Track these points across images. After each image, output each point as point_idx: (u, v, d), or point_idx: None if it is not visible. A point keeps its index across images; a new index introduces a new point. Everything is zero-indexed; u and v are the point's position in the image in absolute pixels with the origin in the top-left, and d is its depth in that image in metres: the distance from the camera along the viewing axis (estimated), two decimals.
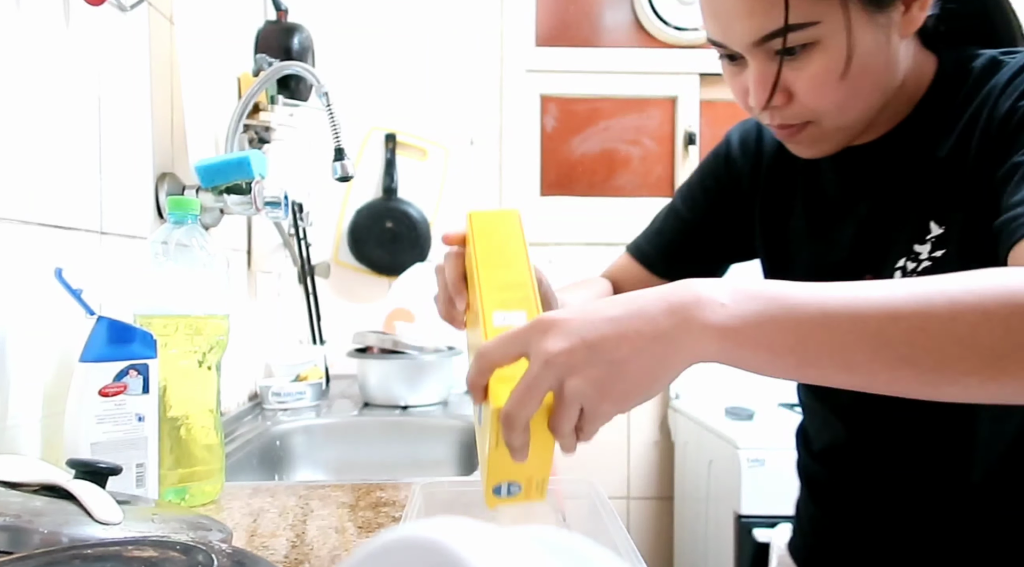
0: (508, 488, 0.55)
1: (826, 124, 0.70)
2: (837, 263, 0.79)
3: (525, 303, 0.59)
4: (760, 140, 0.90)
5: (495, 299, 0.60)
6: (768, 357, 0.49)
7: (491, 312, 0.59)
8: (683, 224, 0.96)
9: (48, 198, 0.86)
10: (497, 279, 0.61)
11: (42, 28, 0.86)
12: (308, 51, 1.73)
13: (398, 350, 1.69)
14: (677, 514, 2.21)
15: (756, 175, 0.89)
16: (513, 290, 0.60)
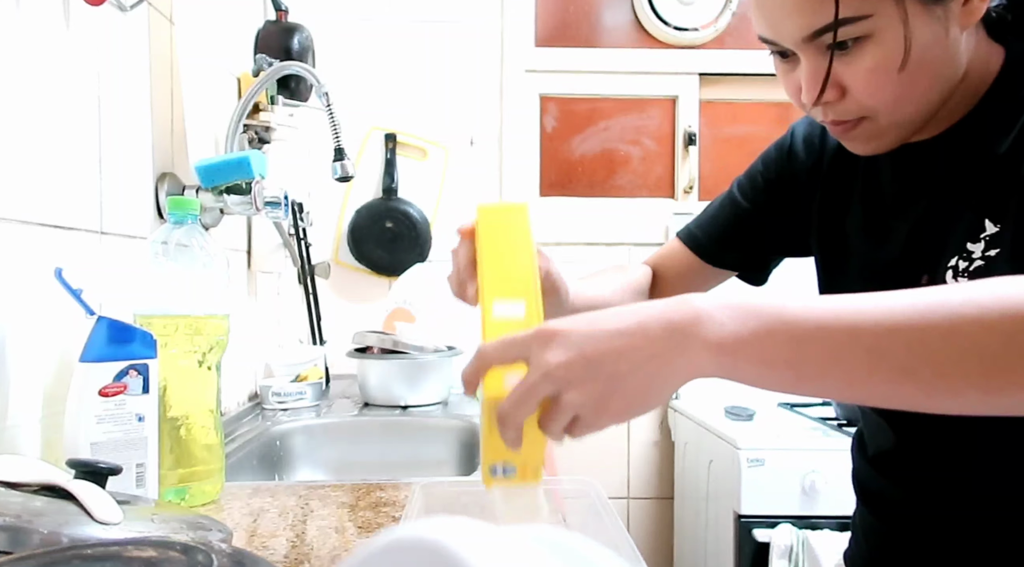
0: (504, 469, 0.57)
1: (881, 120, 0.69)
2: (891, 262, 0.77)
3: (525, 293, 0.61)
4: (824, 136, 0.88)
5: (495, 289, 0.61)
6: (765, 371, 0.49)
7: (491, 302, 0.60)
8: (738, 212, 0.95)
9: (48, 198, 0.86)
10: (499, 270, 0.63)
11: (42, 28, 0.86)
12: (308, 51, 1.73)
13: (398, 350, 1.69)
14: (677, 514, 2.21)
15: (817, 171, 0.88)
16: (514, 281, 0.62)
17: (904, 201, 0.78)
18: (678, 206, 2.34)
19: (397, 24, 2.24)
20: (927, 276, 0.73)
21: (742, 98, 2.37)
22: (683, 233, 1.00)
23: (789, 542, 1.63)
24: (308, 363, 1.78)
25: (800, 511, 1.67)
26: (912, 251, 0.76)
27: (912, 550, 0.82)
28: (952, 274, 0.70)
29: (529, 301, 0.60)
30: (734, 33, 2.34)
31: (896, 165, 0.78)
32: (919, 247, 0.75)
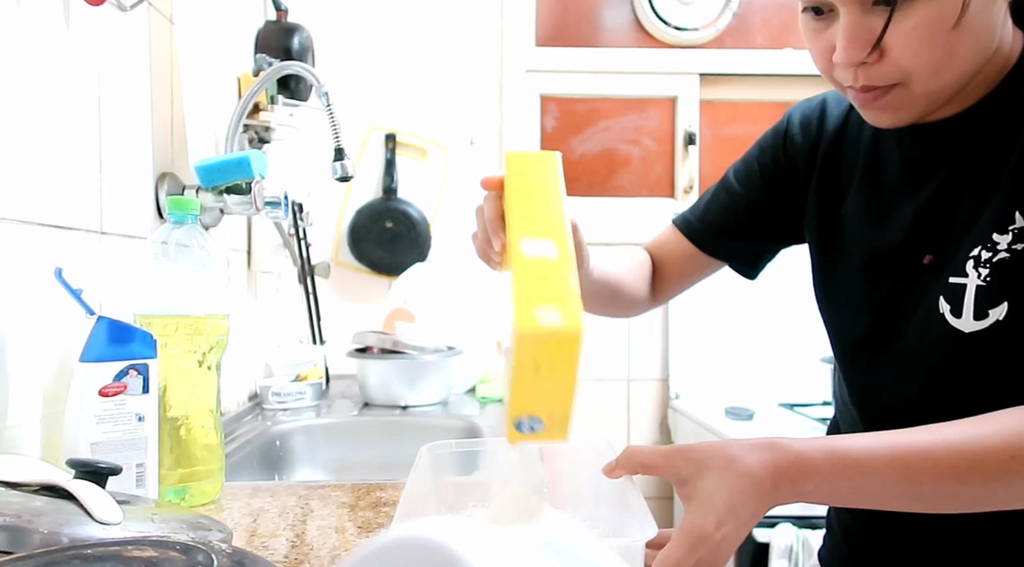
0: (531, 424, 0.56)
1: (915, 87, 0.67)
2: (893, 244, 0.76)
3: (555, 233, 0.59)
4: (822, 122, 0.87)
5: (524, 228, 0.59)
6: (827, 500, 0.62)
7: (519, 239, 0.58)
8: (734, 199, 0.94)
9: (48, 198, 0.86)
10: (528, 212, 0.61)
11: (42, 28, 0.86)
12: (308, 51, 1.73)
13: (398, 350, 1.69)
14: (677, 514, 2.21)
15: (813, 155, 0.87)
16: (543, 221, 0.60)
17: (910, 183, 0.76)
18: (678, 206, 2.34)
19: (397, 24, 2.24)
20: (931, 256, 0.73)
21: (742, 98, 2.37)
22: (679, 220, 1.00)
23: (789, 542, 1.63)
24: (308, 363, 1.78)
25: (800, 511, 1.67)
26: (916, 233, 0.75)
27: (887, 546, 0.82)
28: (973, 264, 0.68)
29: (560, 241, 0.58)
30: (734, 33, 2.34)
31: (904, 146, 0.77)
32: (924, 229, 0.74)
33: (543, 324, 0.52)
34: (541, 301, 0.53)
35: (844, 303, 0.83)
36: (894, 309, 0.76)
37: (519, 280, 0.55)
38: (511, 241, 0.59)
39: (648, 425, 2.29)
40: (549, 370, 0.54)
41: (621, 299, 0.95)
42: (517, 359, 0.53)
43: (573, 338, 0.52)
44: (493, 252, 0.71)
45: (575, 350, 0.53)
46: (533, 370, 0.53)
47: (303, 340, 2.10)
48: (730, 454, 0.59)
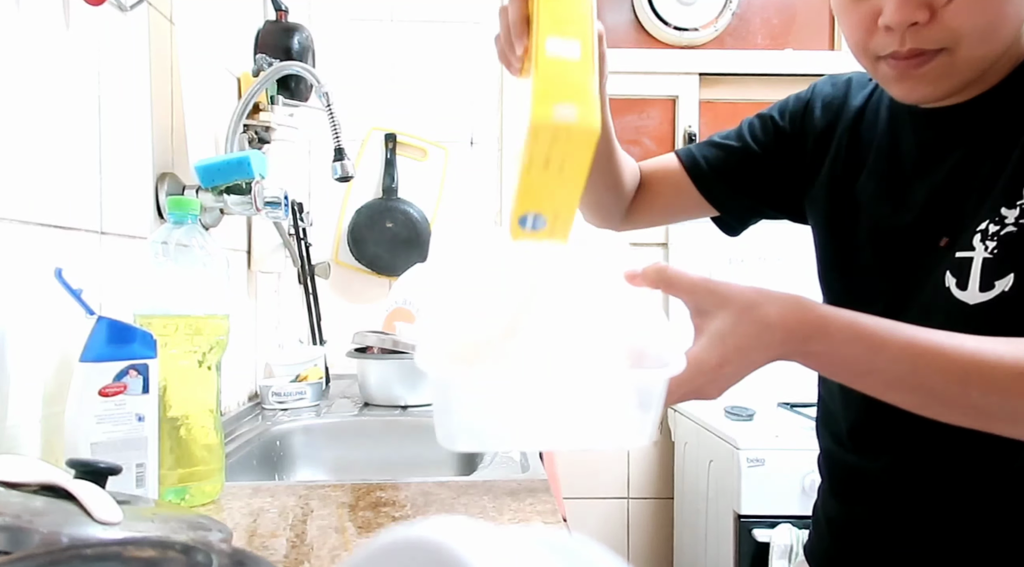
0: (534, 221, 0.56)
1: (961, 53, 0.67)
2: (907, 226, 0.77)
3: (581, 34, 0.58)
4: (845, 102, 0.87)
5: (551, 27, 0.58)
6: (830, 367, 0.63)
7: (545, 37, 0.58)
8: (742, 148, 0.94)
9: (48, 198, 0.86)
10: (557, 12, 0.60)
11: (42, 28, 0.86)
12: (308, 51, 1.73)
13: (398, 350, 1.69)
14: (677, 514, 2.21)
15: (830, 135, 0.87)
16: (571, 22, 0.59)
17: (925, 165, 0.77)
18: None
19: (397, 24, 2.24)
20: (947, 239, 0.73)
21: (742, 98, 2.37)
22: (684, 153, 0.98)
23: (789, 542, 1.63)
24: (308, 363, 1.78)
25: (800, 511, 1.67)
26: (933, 216, 0.75)
27: (872, 537, 0.82)
28: (980, 238, 0.69)
29: (585, 43, 0.57)
30: (734, 33, 2.34)
31: (919, 129, 0.78)
32: (940, 212, 0.74)
33: (559, 117, 0.52)
34: (560, 97, 0.53)
35: (854, 283, 0.83)
36: (903, 288, 0.77)
37: (540, 76, 0.55)
38: (537, 39, 0.58)
39: None
40: (559, 166, 0.54)
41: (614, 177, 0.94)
42: (529, 152, 0.53)
43: (588, 134, 0.53)
44: (514, 56, 0.70)
45: (588, 147, 0.53)
46: (543, 165, 0.54)
47: (303, 340, 2.10)
48: (752, 299, 0.60)
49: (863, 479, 0.84)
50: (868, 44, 0.71)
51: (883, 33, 0.68)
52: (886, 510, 0.81)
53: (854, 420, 0.84)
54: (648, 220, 1.02)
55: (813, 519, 0.93)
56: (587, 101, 0.53)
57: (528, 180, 0.55)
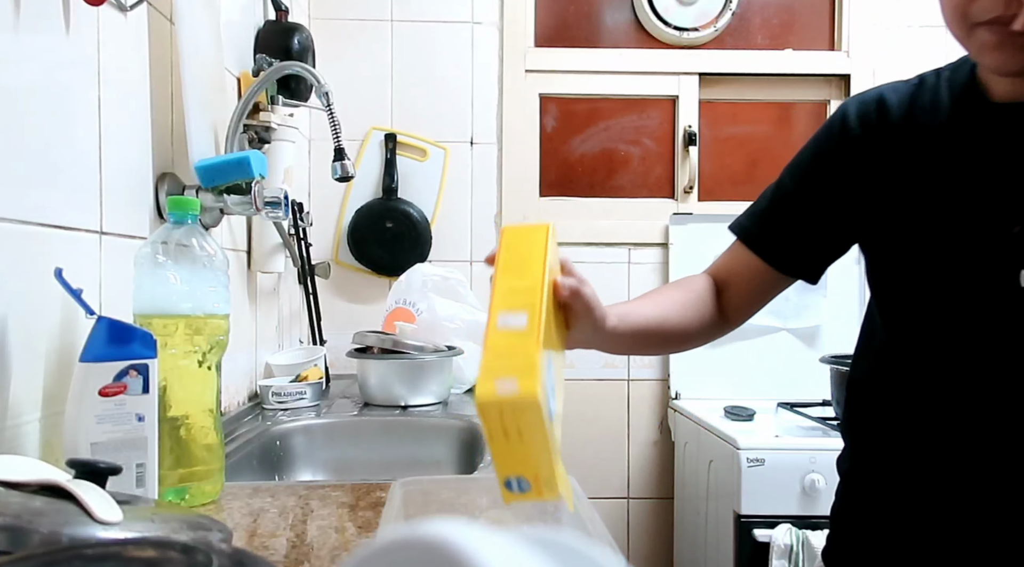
0: (519, 484, 0.57)
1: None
2: (980, 217, 0.76)
3: (529, 306, 0.61)
4: (884, 112, 0.86)
5: (502, 303, 0.62)
6: None
7: (496, 314, 0.61)
8: (794, 206, 0.92)
9: (48, 198, 0.86)
10: (509, 285, 0.64)
11: (42, 28, 0.86)
12: (308, 51, 1.73)
13: (398, 350, 1.69)
14: (677, 514, 2.21)
15: (878, 147, 0.85)
16: (521, 294, 0.63)
17: (995, 158, 0.76)
18: (678, 206, 2.34)
19: (397, 24, 2.24)
20: (1019, 226, 0.73)
21: (742, 98, 2.37)
22: (743, 235, 0.96)
23: (789, 542, 1.63)
24: (308, 363, 1.78)
25: (800, 511, 1.67)
26: (1005, 204, 0.75)
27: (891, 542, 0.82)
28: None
29: (532, 313, 0.61)
30: (734, 33, 2.34)
31: (989, 123, 0.77)
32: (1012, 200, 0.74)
33: (499, 393, 0.54)
34: (501, 372, 0.56)
35: (924, 284, 0.82)
36: (974, 284, 0.77)
37: (486, 352, 0.58)
38: (489, 315, 0.62)
39: (648, 424, 2.29)
40: (517, 434, 0.55)
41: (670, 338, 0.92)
42: (485, 427, 0.56)
43: (529, 405, 0.54)
44: None
45: (535, 416, 0.55)
46: (503, 435, 0.56)
47: (303, 340, 2.10)
48: None
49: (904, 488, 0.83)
50: (969, 8, 0.70)
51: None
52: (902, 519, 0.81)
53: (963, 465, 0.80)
54: (741, 316, 0.98)
55: (831, 523, 0.93)
56: (527, 371, 0.55)
57: (496, 450, 0.57)
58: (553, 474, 0.57)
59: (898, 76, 0.92)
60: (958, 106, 0.81)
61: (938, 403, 0.80)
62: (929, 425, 0.81)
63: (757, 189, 1.01)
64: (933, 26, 2.27)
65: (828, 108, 2.37)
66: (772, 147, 2.39)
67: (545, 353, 0.60)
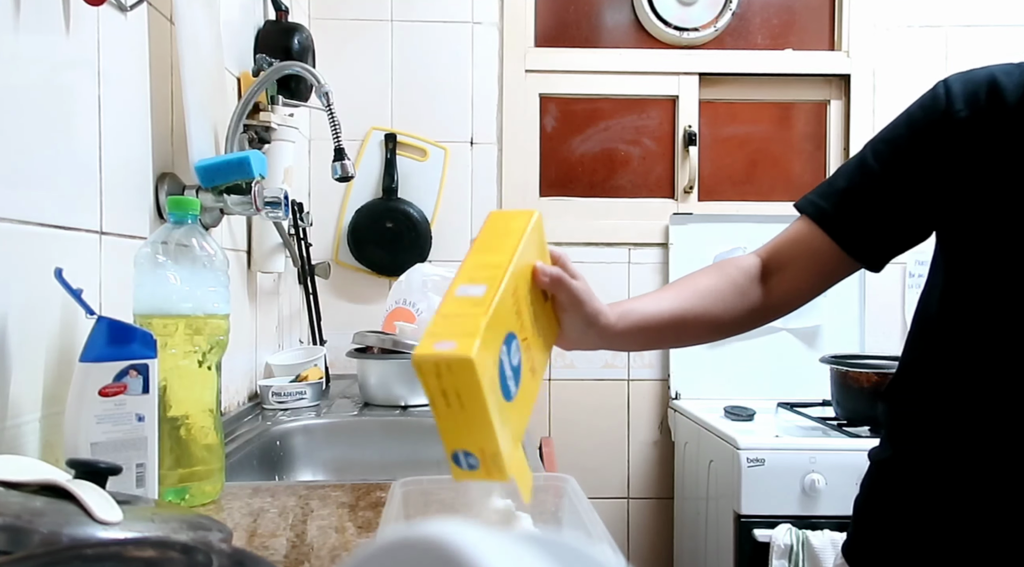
0: (466, 458, 0.56)
1: None
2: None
3: (491, 280, 0.61)
4: (997, 94, 0.79)
5: (466, 275, 0.62)
6: None
7: (457, 284, 0.61)
8: (876, 184, 0.84)
9: (48, 198, 0.86)
10: (478, 260, 0.64)
11: (42, 28, 0.86)
12: (308, 51, 1.73)
13: (398, 350, 1.68)
14: (677, 514, 2.21)
15: (987, 131, 0.78)
16: (486, 268, 0.62)
17: None
18: (678, 206, 2.34)
19: (397, 24, 2.24)
20: None
21: (742, 98, 2.37)
22: (811, 210, 0.88)
23: (789, 542, 1.63)
24: (308, 363, 1.78)
25: (800, 511, 1.67)
26: None
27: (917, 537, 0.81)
28: None
29: (491, 285, 0.60)
30: (734, 33, 2.34)
31: None
32: None
33: (435, 350, 0.54)
34: (444, 335, 0.55)
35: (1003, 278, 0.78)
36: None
37: (435, 316, 0.58)
38: (451, 284, 0.62)
39: (648, 425, 2.29)
40: (457, 401, 0.55)
41: (691, 331, 0.86)
42: (425, 389, 0.55)
43: (463, 365, 0.53)
44: None
45: (471, 378, 0.54)
46: (444, 400, 0.55)
47: (303, 340, 2.10)
48: None
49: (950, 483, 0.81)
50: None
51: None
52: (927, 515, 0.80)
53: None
54: (792, 304, 0.92)
55: (853, 518, 0.90)
56: (467, 334, 0.55)
57: (439, 417, 0.56)
58: (499, 453, 0.56)
59: (898, 76, 0.91)
60: None
61: (995, 400, 0.77)
62: (984, 421, 0.78)
63: (757, 189, 1.00)
64: (933, 26, 2.27)
65: (828, 108, 2.37)
66: (772, 147, 2.39)
67: (506, 333, 0.60)
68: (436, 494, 0.78)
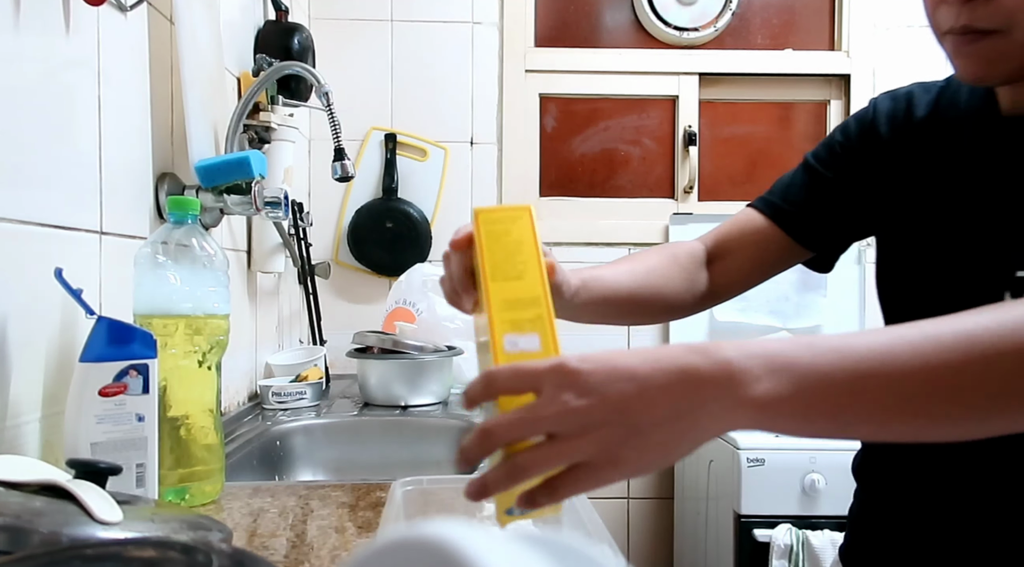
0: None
1: (1016, 37, 0.66)
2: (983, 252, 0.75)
3: (539, 324, 0.55)
4: (910, 113, 0.85)
5: (506, 319, 0.55)
6: (805, 425, 0.49)
7: (502, 335, 0.54)
8: (820, 181, 0.90)
9: (48, 198, 0.86)
10: (507, 294, 0.56)
11: (42, 28, 0.86)
12: (308, 51, 1.73)
13: (398, 350, 1.68)
14: (677, 514, 2.21)
15: (899, 147, 0.84)
16: (525, 308, 0.56)
17: (1004, 173, 0.75)
18: (678, 206, 2.34)
19: (397, 24, 2.24)
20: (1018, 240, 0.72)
21: (742, 98, 2.37)
22: (759, 203, 0.94)
23: (789, 542, 1.63)
24: (308, 363, 1.77)
25: (800, 511, 1.68)
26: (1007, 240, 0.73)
27: (911, 539, 0.81)
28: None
29: (544, 332, 0.54)
30: (734, 33, 2.34)
31: (1001, 136, 0.76)
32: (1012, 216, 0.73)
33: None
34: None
35: (916, 285, 0.81)
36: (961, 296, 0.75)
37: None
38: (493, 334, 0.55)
39: None
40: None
41: (646, 308, 0.89)
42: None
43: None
44: (461, 302, 0.68)
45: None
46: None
47: (303, 340, 2.10)
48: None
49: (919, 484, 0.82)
50: (935, 17, 0.71)
51: (944, 7, 0.68)
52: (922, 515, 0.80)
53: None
54: (734, 289, 0.94)
55: (848, 520, 0.92)
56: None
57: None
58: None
59: (898, 76, 0.92)
60: (972, 113, 0.80)
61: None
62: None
63: (757, 189, 1.00)
64: None
65: (828, 108, 2.37)
66: (772, 147, 2.39)
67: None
68: (436, 494, 0.78)
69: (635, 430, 0.46)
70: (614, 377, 0.47)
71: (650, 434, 0.47)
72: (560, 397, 0.46)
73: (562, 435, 0.46)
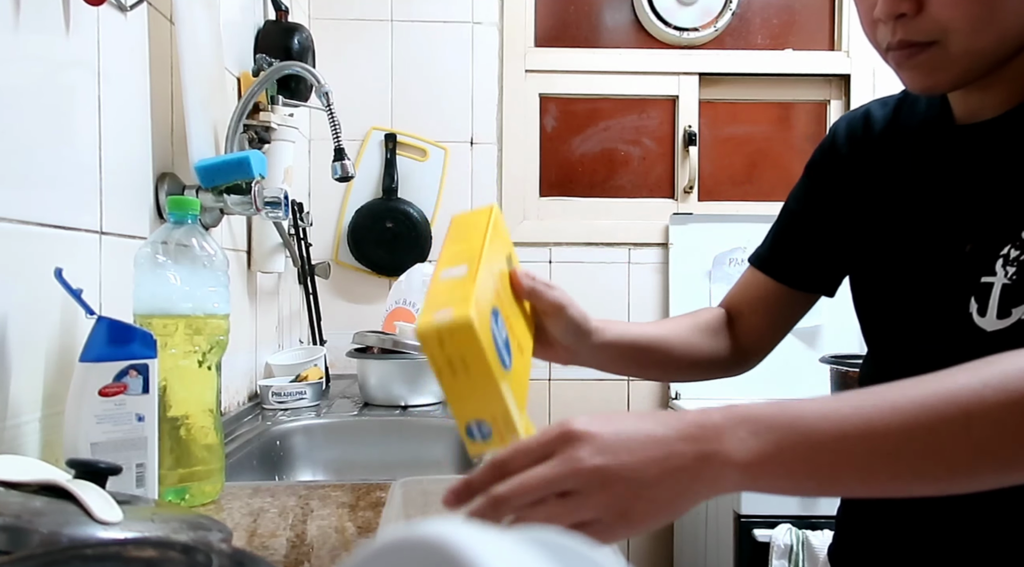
0: (479, 429, 0.58)
1: (952, 47, 0.66)
2: (935, 235, 0.76)
3: (469, 259, 0.63)
4: (868, 128, 0.87)
5: (445, 264, 0.64)
6: (789, 483, 0.52)
7: (439, 271, 0.63)
8: (798, 221, 0.92)
9: (48, 198, 0.86)
10: (452, 251, 0.66)
11: (42, 28, 0.86)
12: (308, 51, 1.73)
13: (398, 350, 1.68)
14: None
15: (862, 162, 0.86)
16: (462, 253, 0.65)
17: (958, 178, 0.76)
18: (678, 206, 2.34)
19: (397, 24, 2.24)
20: (971, 244, 0.73)
21: (742, 98, 2.37)
22: (753, 259, 0.97)
23: (789, 542, 1.63)
24: (308, 363, 1.78)
25: (800, 511, 1.68)
26: (959, 223, 0.74)
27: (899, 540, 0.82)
28: (1002, 262, 0.69)
29: (471, 263, 0.62)
30: (734, 33, 2.34)
31: (954, 144, 0.77)
32: (966, 219, 0.74)
33: (436, 320, 0.56)
34: (439, 306, 0.57)
35: (884, 299, 0.83)
36: (928, 309, 0.76)
37: (426, 299, 0.60)
38: (433, 276, 0.63)
39: None
40: (463, 366, 0.56)
41: (673, 360, 0.90)
42: (431, 362, 0.56)
43: (464, 326, 0.55)
44: None
45: (473, 340, 0.55)
46: (450, 371, 0.56)
47: (303, 340, 2.10)
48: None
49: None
50: (874, 36, 0.72)
51: (880, 25, 0.70)
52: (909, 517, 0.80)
53: None
54: (761, 346, 0.96)
55: (836, 521, 0.92)
56: (462, 301, 0.57)
57: (448, 390, 0.57)
58: (509, 413, 0.57)
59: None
60: (927, 123, 0.81)
61: None
62: None
63: (757, 189, 1.01)
64: None
65: (828, 108, 2.37)
66: (772, 147, 2.39)
67: (492, 307, 0.61)
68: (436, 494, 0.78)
69: (643, 487, 0.50)
70: (622, 438, 0.51)
71: (655, 490, 0.51)
72: (576, 454, 0.50)
73: (577, 491, 0.50)
